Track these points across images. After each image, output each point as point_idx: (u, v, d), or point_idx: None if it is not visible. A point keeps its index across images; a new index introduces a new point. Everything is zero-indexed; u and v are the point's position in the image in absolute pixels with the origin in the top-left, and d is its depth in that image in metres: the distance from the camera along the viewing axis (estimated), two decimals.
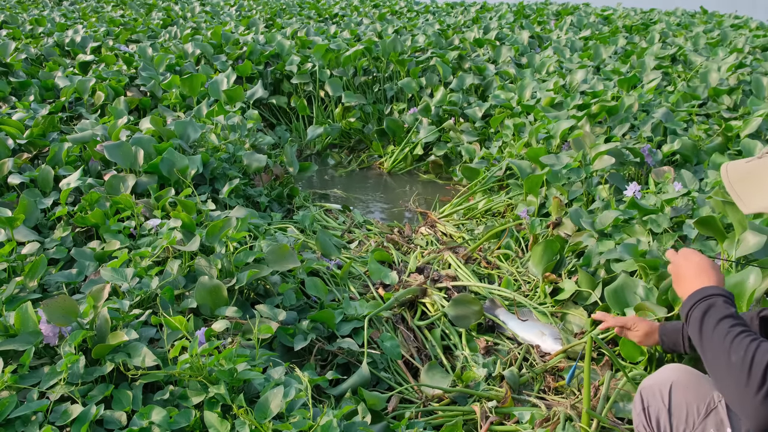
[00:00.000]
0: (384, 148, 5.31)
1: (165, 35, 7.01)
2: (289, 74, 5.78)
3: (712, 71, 4.84)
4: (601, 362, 2.29)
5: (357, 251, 3.32)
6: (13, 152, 3.32)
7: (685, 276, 1.41)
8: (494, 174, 4.08)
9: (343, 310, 2.38)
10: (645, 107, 4.25)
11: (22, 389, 1.64)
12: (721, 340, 1.14)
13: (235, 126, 3.92)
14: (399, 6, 10.93)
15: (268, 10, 9.74)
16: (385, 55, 5.91)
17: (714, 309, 1.23)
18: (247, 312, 2.19)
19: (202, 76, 4.57)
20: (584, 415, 1.93)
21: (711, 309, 1.23)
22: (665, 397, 1.48)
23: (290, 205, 3.91)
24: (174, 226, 2.50)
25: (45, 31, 6.84)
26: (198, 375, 1.65)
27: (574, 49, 6.67)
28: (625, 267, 2.51)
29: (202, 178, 3.38)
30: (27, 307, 1.81)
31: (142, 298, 2.05)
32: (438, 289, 2.79)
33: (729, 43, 6.81)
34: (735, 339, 1.12)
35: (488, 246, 3.37)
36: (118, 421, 1.58)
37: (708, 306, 1.24)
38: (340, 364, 2.23)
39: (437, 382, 2.20)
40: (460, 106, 5.04)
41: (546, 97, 4.53)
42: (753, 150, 3.20)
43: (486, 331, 2.62)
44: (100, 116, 4.31)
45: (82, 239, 2.67)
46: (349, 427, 1.68)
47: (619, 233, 2.74)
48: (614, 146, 3.34)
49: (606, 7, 11.35)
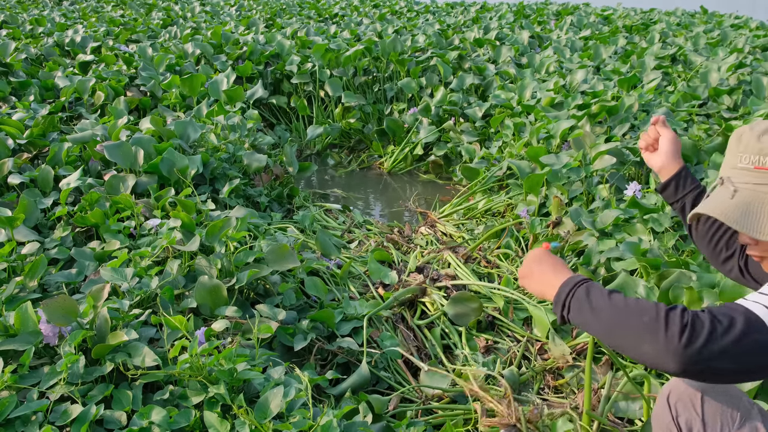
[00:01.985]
0: (384, 148, 5.31)
1: (165, 35, 7.01)
2: (289, 74, 5.78)
3: (712, 71, 4.84)
4: (601, 362, 2.29)
5: (357, 251, 3.32)
6: (13, 152, 3.32)
7: (543, 272, 1.33)
8: (494, 174, 4.08)
9: (343, 309, 2.38)
10: (645, 107, 4.25)
11: (22, 389, 1.64)
12: (623, 308, 1.13)
13: (235, 126, 3.92)
14: (399, 6, 10.93)
15: (268, 10, 9.74)
16: (385, 55, 5.91)
17: (595, 288, 1.21)
18: (247, 312, 2.19)
19: (202, 76, 4.57)
20: (585, 416, 1.93)
21: (592, 289, 1.21)
22: (697, 406, 1.43)
23: (290, 205, 3.91)
24: (174, 226, 2.50)
25: (45, 31, 6.84)
26: (198, 375, 1.65)
27: (574, 49, 6.67)
28: (626, 266, 2.51)
29: (202, 178, 3.38)
30: (27, 307, 1.81)
31: (141, 297, 2.05)
32: (437, 288, 2.79)
33: (729, 43, 6.81)
34: (638, 303, 1.13)
35: (488, 245, 3.37)
36: (118, 421, 1.58)
37: (587, 288, 1.21)
38: (340, 364, 2.23)
39: (437, 381, 2.20)
40: (460, 106, 5.04)
41: (546, 97, 4.53)
42: None
43: (485, 329, 2.62)
44: (100, 116, 4.31)
45: (82, 239, 2.67)
46: (349, 427, 1.68)
47: (620, 232, 2.74)
48: (614, 146, 3.34)
49: (606, 7, 11.35)
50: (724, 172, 1.27)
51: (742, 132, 1.25)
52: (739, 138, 1.25)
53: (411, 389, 2.17)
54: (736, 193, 1.21)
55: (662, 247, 2.55)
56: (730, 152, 1.27)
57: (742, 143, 1.23)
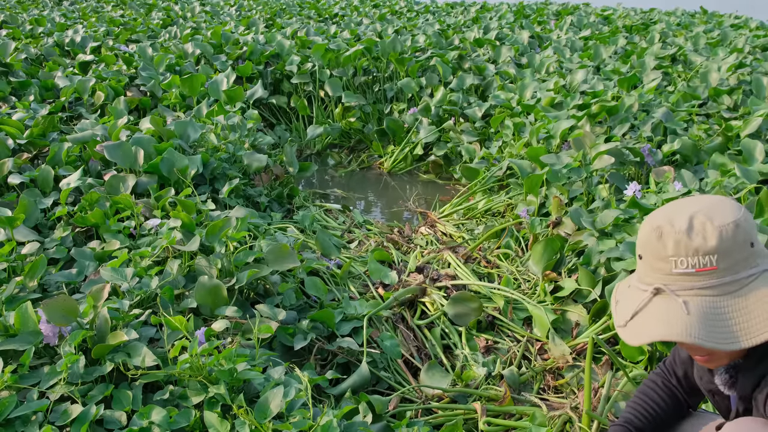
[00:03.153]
0: (384, 148, 5.31)
1: (165, 35, 7.01)
2: (289, 74, 5.78)
3: (712, 71, 4.84)
4: (601, 362, 2.30)
5: (357, 251, 3.32)
6: (13, 152, 3.32)
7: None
8: (494, 174, 4.08)
9: (343, 309, 2.38)
10: (645, 107, 4.25)
11: (22, 389, 1.64)
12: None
13: (235, 126, 3.92)
14: (399, 6, 10.93)
15: (268, 10, 9.74)
16: (385, 55, 5.90)
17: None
18: (247, 312, 2.19)
19: (202, 76, 4.57)
20: (584, 416, 1.93)
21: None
22: None
23: (290, 205, 3.91)
24: (174, 226, 2.50)
25: (45, 31, 6.84)
26: (198, 375, 1.65)
27: (574, 49, 6.67)
28: (626, 266, 2.51)
29: (202, 178, 3.38)
30: (27, 307, 1.81)
31: (141, 297, 2.05)
32: (437, 288, 2.79)
33: (729, 43, 6.81)
34: None
35: (488, 245, 3.37)
36: (118, 421, 1.58)
37: None
38: (340, 364, 2.23)
39: (437, 381, 2.20)
40: (460, 106, 5.04)
41: (546, 97, 4.53)
42: (753, 150, 3.19)
43: (485, 329, 2.62)
44: (100, 116, 4.31)
45: (82, 239, 2.67)
46: (349, 427, 1.68)
47: (620, 232, 2.74)
48: (614, 146, 3.34)
49: (606, 7, 11.35)
50: (654, 280, 1.10)
51: (661, 232, 1.08)
52: (660, 239, 1.08)
53: (411, 389, 2.17)
54: (687, 306, 1.06)
55: None
56: (655, 256, 1.09)
57: (669, 246, 1.07)
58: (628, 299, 1.16)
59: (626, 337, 1.13)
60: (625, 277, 2.35)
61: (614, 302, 1.22)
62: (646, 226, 1.12)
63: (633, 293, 1.16)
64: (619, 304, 1.19)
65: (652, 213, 1.15)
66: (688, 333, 1.03)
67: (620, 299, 1.20)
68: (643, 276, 1.14)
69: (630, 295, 1.17)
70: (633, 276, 1.21)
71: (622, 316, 1.16)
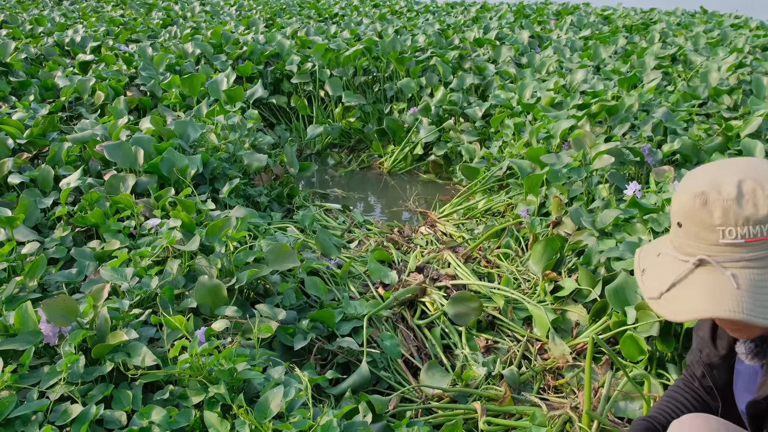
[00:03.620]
0: (384, 147, 5.31)
1: (165, 35, 7.01)
2: (289, 74, 5.78)
3: (712, 71, 4.84)
4: (601, 362, 2.29)
5: (357, 251, 3.32)
6: (13, 152, 3.32)
7: None
8: (494, 174, 4.08)
9: (343, 309, 2.38)
10: (645, 107, 4.25)
11: (22, 389, 1.64)
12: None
13: (235, 126, 3.92)
14: (399, 6, 10.93)
15: (268, 10, 9.73)
16: (385, 55, 5.90)
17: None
18: (247, 311, 2.19)
19: (202, 75, 4.57)
20: (584, 416, 1.93)
21: None
22: None
23: (290, 204, 3.91)
24: (174, 226, 2.50)
25: (45, 30, 6.84)
26: (198, 375, 1.65)
27: (574, 49, 6.67)
28: (626, 266, 2.51)
29: (202, 177, 3.38)
30: (27, 307, 1.81)
31: (141, 297, 2.05)
32: (437, 288, 2.79)
33: (729, 42, 6.81)
34: None
35: (488, 245, 3.37)
36: (118, 420, 1.58)
37: None
38: (340, 364, 2.23)
39: (437, 381, 2.20)
40: (460, 105, 5.04)
41: (546, 97, 4.53)
42: (753, 150, 3.19)
43: (485, 328, 2.62)
44: (100, 116, 4.31)
45: (82, 239, 2.67)
46: (349, 427, 1.68)
47: (620, 232, 2.74)
48: (614, 146, 3.34)
49: (606, 7, 11.35)
50: (696, 250, 1.02)
51: (706, 198, 1.00)
52: (705, 206, 1.00)
53: (411, 389, 2.17)
54: (736, 279, 0.99)
55: None
56: (699, 225, 1.01)
57: (716, 214, 0.99)
58: (661, 268, 1.08)
59: (663, 310, 1.05)
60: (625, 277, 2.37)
61: (638, 270, 1.14)
62: (686, 191, 1.03)
63: (668, 263, 1.07)
64: (648, 273, 1.11)
65: (689, 176, 1.05)
66: (739, 309, 0.96)
67: (648, 268, 1.12)
68: (682, 245, 1.05)
69: (664, 264, 1.08)
70: (662, 243, 1.13)
71: (654, 286, 1.07)
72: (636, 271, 1.16)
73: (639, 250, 1.20)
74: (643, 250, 1.18)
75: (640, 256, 1.17)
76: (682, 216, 1.04)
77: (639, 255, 1.18)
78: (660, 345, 2.17)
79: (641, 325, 2.19)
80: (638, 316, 2.20)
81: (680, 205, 1.04)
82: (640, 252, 1.18)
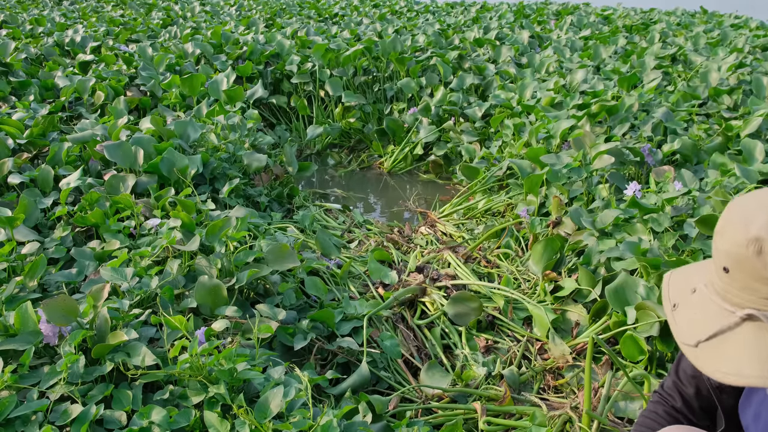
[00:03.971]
0: (384, 148, 5.31)
1: (165, 35, 7.01)
2: (289, 74, 5.78)
3: (712, 71, 4.84)
4: (601, 362, 2.29)
5: (357, 251, 3.32)
6: (13, 152, 3.32)
7: None
8: (494, 174, 4.08)
9: (343, 309, 2.38)
10: (645, 107, 4.25)
11: (22, 389, 1.64)
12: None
13: (235, 126, 3.92)
14: (399, 6, 10.93)
15: (268, 10, 9.73)
16: (385, 55, 5.90)
17: None
18: (247, 311, 2.19)
19: (202, 76, 4.57)
20: (584, 416, 1.93)
21: None
22: None
23: (290, 204, 3.91)
24: (174, 226, 2.50)
25: (45, 30, 6.84)
26: (198, 375, 1.65)
27: (574, 49, 6.67)
28: (626, 266, 2.51)
29: (202, 177, 3.38)
30: (27, 307, 1.81)
31: (141, 297, 2.05)
32: (437, 288, 2.79)
33: (729, 42, 6.81)
34: None
35: (488, 245, 3.37)
36: (118, 420, 1.58)
37: None
38: (340, 364, 2.23)
39: (437, 381, 2.20)
40: (460, 105, 5.04)
41: (546, 97, 4.53)
42: (753, 150, 3.19)
43: (485, 328, 2.62)
44: (100, 116, 4.31)
45: (82, 239, 2.67)
46: (349, 427, 1.68)
47: (620, 232, 2.74)
48: (614, 146, 3.34)
49: (606, 7, 11.34)
50: (744, 301, 0.89)
51: (761, 246, 0.85)
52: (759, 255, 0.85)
53: (411, 389, 2.17)
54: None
55: (662, 247, 2.55)
56: (751, 275, 0.87)
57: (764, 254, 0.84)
58: (700, 311, 0.96)
59: (700, 362, 0.93)
60: (624, 277, 2.36)
61: (668, 302, 1.02)
62: (737, 234, 0.89)
63: (707, 307, 0.95)
64: (680, 311, 0.99)
65: (739, 210, 0.91)
66: None
67: (680, 304, 1.00)
68: (727, 292, 0.92)
69: (703, 307, 0.96)
70: (697, 274, 1.01)
71: (689, 331, 0.95)
72: (665, 302, 1.04)
73: (668, 277, 1.07)
74: (673, 277, 1.06)
75: (670, 286, 1.05)
76: (730, 261, 0.90)
77: (668, 283, 1.05)
78: (660, 345, 2.17)
79: (641, 325, 2.19)
80: (638, 316, 2.20)
81: (729, 248, 0.90)
82: (669, 279, 1.06)
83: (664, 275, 1.09)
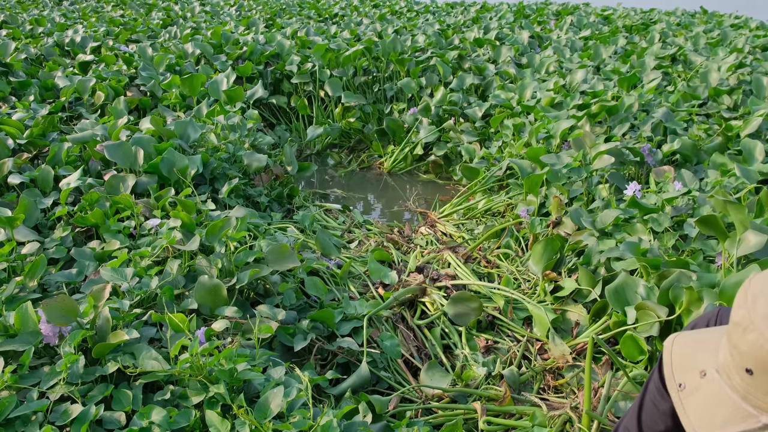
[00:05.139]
0: (384, 148, 5.31)
1: (165, 35, 7.01)
2: (289, 74, 5.78)
3: (712, 71, 4.84)
4: (601, 362, 2.29)
5: (357, 251, 3.32)
6: (13, 152, 3.32)
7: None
8: (494, 174, 4.08)
9: (343, 309, 2.38)
10: (645, 107, 4.25)
11: (22, 389, 1.64)
12: None
13: (235, 126, 3.92)
14: (399, 6, 10.93)
15: (268, 10, 9.73)
16: (385, 55, 5.90)
17: None
18: (247, 312, 2.19)
19: (202, 76, 4.57)
20: (584, 416, 1.93)
21: None
22: None
23: (290, 205, 3.91)
24: (174, 226, 2.50)
25: (45, 31, 6.84)
26: (198, 375, 1.65)
27: (574, 49, 6.67)
28: (626, 266, 2.51)
29: (202, 178, 3.38)
30: (27, 307, 1.81)
31: (142, 297, 2.05)
32: (437, 288, 2.79)
33: (729, 43, 6.81)
34: None
35: (488, 245, 3.37)
36: (117, 421, 1.58)
37: None
38: (340, 364, 2.23)
39: (437, 381, 2.20)
40: (460, 106, 5.04)
41: (546, 97, 4.53)
42: (753, 150, 3.20)
43: (486, 328, 2.62)
44: (100, 116, 4.31)
45: (82, 239, 2.67)
46: (349, 427, 1.68)
47: (620, 232, 2.74)
48: (614, 146, 3.34)
49: (606, 7, 11.34)
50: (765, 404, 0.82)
51: None
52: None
53: (411, 389, 2.17)
54: None
55: (662, 247, 2.55)
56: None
57: None
58: (714, 403, 0.87)
59: None
60: (624, 277, 2.36)
61: (673, 381, 0.94)
62: (758, 328, 0.80)
63: (724, 401, 0.86)
64: (689, 394, 0.91)
65: (764, 310, 0.81)
66: None
67: (688, 386, 0.92)
68: (748, 393, 0.83)
69: (718, 399, 0.87)
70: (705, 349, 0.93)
71: (702, 421, 0.87)
72: (668, 378, 0.95)
73: (670, 345, 0.98)
74: (677, 348, 0.97)
75: (673, 359, 0.96)
76: (755, 364, 0.81)
77: (671, 352, 0.97)
78: (660, 345, 2.17)
79: (641, 325, 2.19)
80: (638, 316, 2.20)
81: (755, 352, 0.81)
82: (671, 347, 0.97)
83: (665, 341, 1.00)
